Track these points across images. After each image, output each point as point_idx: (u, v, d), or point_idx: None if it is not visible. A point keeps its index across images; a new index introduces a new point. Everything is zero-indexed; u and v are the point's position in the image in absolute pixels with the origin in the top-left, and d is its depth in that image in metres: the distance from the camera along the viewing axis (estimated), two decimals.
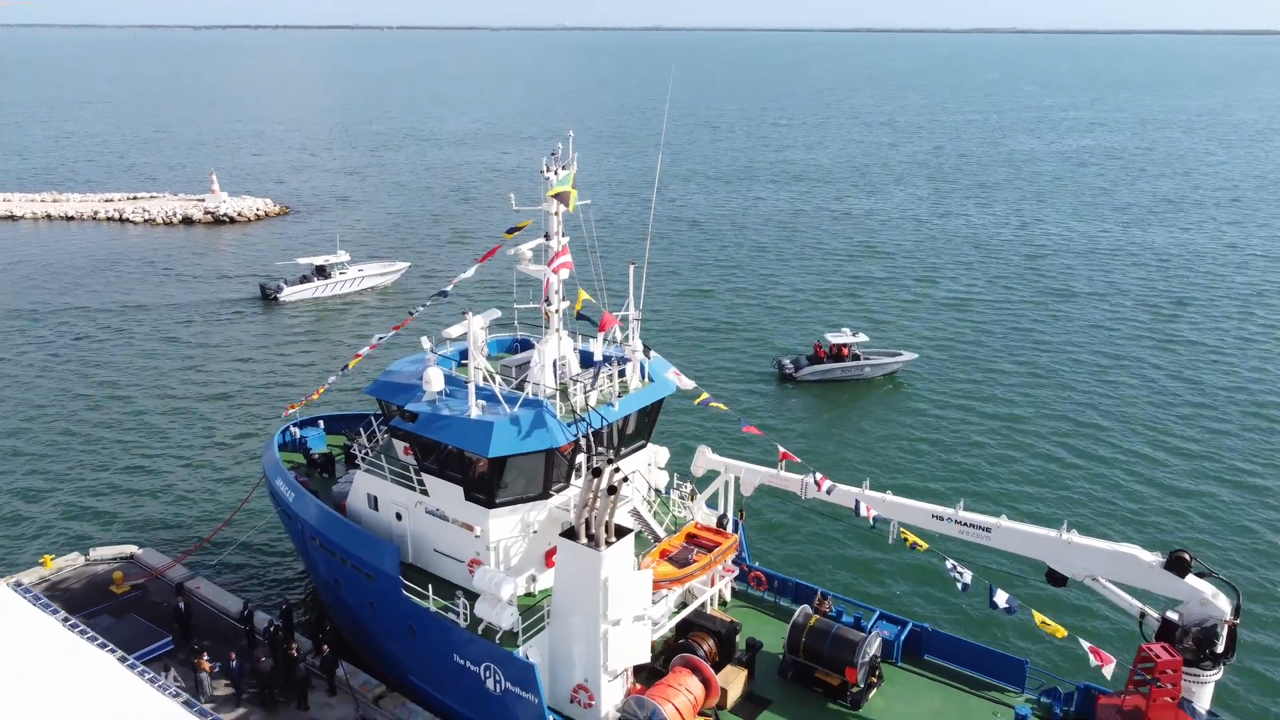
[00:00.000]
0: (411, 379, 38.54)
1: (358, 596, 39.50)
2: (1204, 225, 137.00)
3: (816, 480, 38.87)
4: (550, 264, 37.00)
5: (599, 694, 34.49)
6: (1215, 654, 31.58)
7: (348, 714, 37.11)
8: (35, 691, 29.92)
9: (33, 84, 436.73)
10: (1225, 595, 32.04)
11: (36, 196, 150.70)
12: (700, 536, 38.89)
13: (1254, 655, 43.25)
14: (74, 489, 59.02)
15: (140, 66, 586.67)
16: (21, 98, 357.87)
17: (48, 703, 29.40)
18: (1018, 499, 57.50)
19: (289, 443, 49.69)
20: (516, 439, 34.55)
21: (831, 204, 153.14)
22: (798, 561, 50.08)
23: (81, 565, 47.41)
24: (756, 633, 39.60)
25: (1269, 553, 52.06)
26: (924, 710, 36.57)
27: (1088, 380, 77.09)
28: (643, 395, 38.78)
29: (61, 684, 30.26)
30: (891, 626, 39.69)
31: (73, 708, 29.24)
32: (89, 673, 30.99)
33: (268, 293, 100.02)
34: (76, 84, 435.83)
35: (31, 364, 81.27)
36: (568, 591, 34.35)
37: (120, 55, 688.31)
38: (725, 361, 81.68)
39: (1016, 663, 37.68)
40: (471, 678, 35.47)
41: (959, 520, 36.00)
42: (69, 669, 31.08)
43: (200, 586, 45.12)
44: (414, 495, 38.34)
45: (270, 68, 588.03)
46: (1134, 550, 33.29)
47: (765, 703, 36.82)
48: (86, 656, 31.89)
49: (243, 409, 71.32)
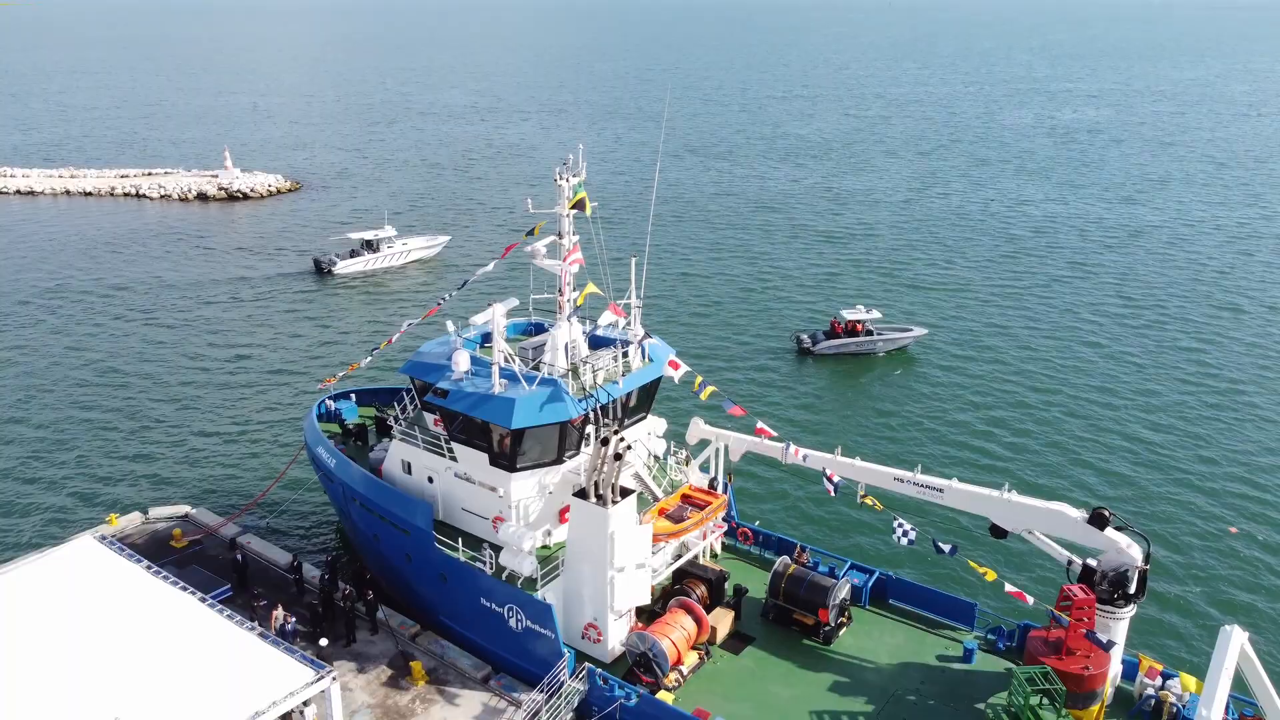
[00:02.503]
0: (441, 359, 43.98)
1: (395, 549, 45.23)
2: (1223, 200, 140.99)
3: (792, 450, 44.46)
4: (565, 259, 42.39)
5: (606, 630, 40.26)
6: (1128, 594, 37.26)
7: (389, 649, 42.93)
8: (139, 625, 35.74)
9: (25, 50, 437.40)
10: (1138, 545, 37.71)
11: (54, 172, 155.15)
12: (694, 497, 44.64)
13: (1158, 596, 49.37)
14: (131, 455, 64.94)
15: (131, 31, 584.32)
16: (16, 66, 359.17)
17: (151, 633, 35.21)
18: (1012, 463, 63.73)
19: (325, 414, 55.22)
20: (535, 412, 40.08)
21: (838, 182, 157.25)
22: (779, 519, 55.95)
23: (141, 523, 53.02)
24: (742, 580, 45.33)
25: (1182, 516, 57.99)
26: (887, 646, 42.38)
27: (1084, 351, 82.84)
28: (643, 374, 44.27)
29: (159, 618, 36.08)
30: (861, 575, 45.45)
31: (172, 638, 35.05)
32: (179, 609, 36.83)
33: (322, 266, 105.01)
34: (68, 52, 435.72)
35: (90, 338, 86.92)
36: (579, 543, 40.01)
37: (109, 20, 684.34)
38: (747, 337, 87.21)
39: (967, 605, 43.50)
40: (497, 618, 41.28)
41: (916, 482, 41.57)
42: (162, 606, 36.91)
43: (251, 542, 50.82)
44: (444, 461, 43.95)
45: (260, 31, 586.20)
46: (1063, 508, 38.89)
47: (749, 639, 42.63)
48: (174, 596, 37.73)
49: (287, 381, 77.08)
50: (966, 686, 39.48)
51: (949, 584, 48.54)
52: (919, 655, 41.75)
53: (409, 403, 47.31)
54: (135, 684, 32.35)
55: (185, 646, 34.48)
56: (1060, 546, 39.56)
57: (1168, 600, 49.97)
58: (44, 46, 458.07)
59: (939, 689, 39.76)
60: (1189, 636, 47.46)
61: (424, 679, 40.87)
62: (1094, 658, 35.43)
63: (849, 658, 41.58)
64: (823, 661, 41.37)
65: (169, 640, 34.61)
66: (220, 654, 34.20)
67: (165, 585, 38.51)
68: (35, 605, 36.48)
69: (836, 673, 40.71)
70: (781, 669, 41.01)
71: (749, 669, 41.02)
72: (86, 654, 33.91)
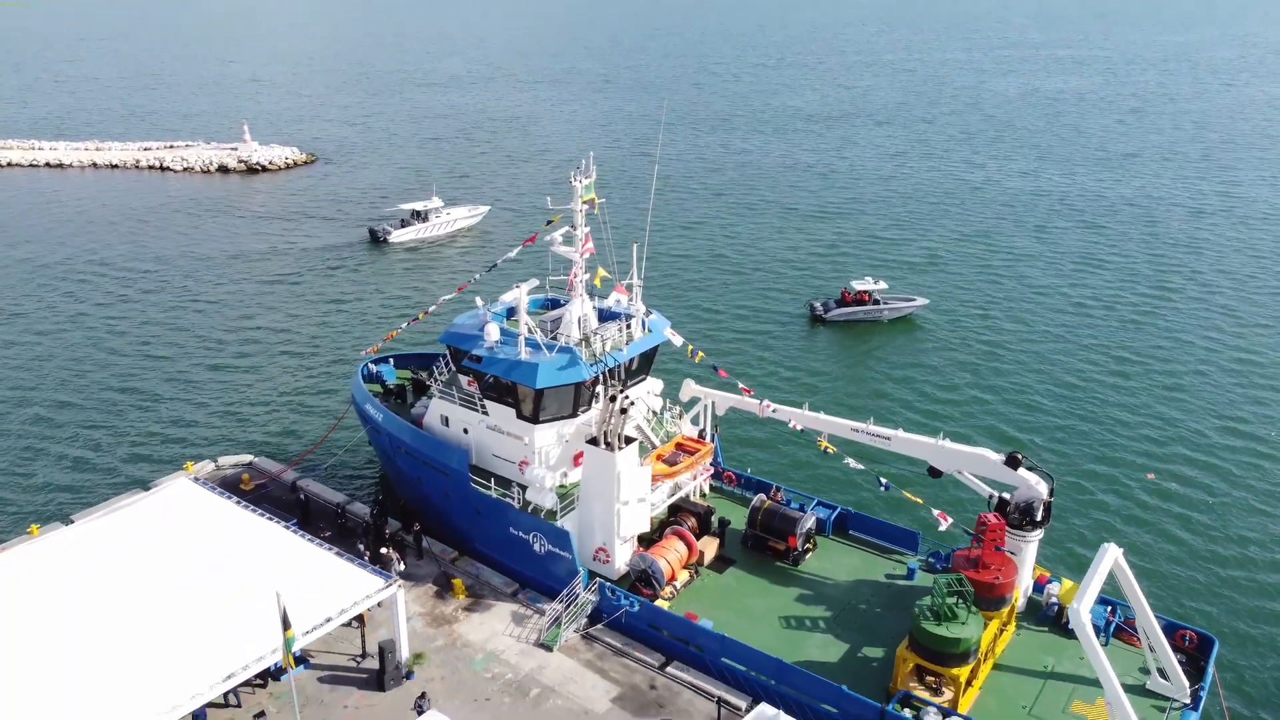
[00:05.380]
0: (473, 331, 52.44)
1: (435, 488, 54.05)
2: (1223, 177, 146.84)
3: (765, 405, 53.19)
4: (579, 250, 50.80)
5: (614, 553, 49.13)
6: (1035, 520, 46.10)
7: (433, 570, 51.85)
8: (242, 545, 44.59)
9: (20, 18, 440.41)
10: (1045, 482, 46.47)
11: (81, 145, 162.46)
12: (685, 445, 53.49)
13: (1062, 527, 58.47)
14: (195, 413, 74.15)
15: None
16: (10, 35, 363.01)
17: (253, 552, 44.08)
18: (998, 417, 73.13)
19: (368, 376, 63.85)
20: (554, 375, 48.67)
21: (844, 154, 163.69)
22: (758, 464, 64.61)
23: (212, 470, 61.86)
24: (726, 514, 54.24)
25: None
26: (845, 567, 51.32)
27: (1067, 319, 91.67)
28: (643, 343, 52.81)
29: (256, 541, 44.94)
30: (825, 510, 54.35)
31: (270, 555, 43.91)
32: (270, 534, 45.69)
33: (377, 236, 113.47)
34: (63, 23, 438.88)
35: (156, 306, 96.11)
36: (591, 482, 48.71)
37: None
38: (764, 305, 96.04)
39: (912, 534, 52.46)
40: (523, 543, 50.18)
41: (869, 432, 50.24)
42: (256, 532, 45.78)
43: (309, 485, 59.70)
44: (477, 415, 52.62)
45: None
46: (985, 452, 47.64)
47: (731, 561, 51.58)
48: (264, 524, 46.59)
49: (337, 345, 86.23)
50: (908, 598, 48.20)
51: (898, 517, 57.27)
52: (871, 574, 50.71)
53: (445, 366, 55.85)
54: (249, 589, 41.17)
55: (281, 562, 43.31)
56: (984, 484, 48.40)
57: (1072, 527, 59.17)
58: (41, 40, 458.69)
59: (885, 600, 48.76)
60: (1085, 556, 56.04)
61: (464, 593, 49.84)
62: (1003, 570, 44.28)
63: (813, 576, 50.52)
64: (791, 579, 50.28)
65: (268, 557, 43.50)
66: (310, 567, 43.02)
67: (254, 516, 47.36)
68: (162, 526, 45.30)
69: (802, 588, 49.66)
70: (758, 585, 49.92)
71: (730, 585, 49.95)
72: (210, 564, 42.77)
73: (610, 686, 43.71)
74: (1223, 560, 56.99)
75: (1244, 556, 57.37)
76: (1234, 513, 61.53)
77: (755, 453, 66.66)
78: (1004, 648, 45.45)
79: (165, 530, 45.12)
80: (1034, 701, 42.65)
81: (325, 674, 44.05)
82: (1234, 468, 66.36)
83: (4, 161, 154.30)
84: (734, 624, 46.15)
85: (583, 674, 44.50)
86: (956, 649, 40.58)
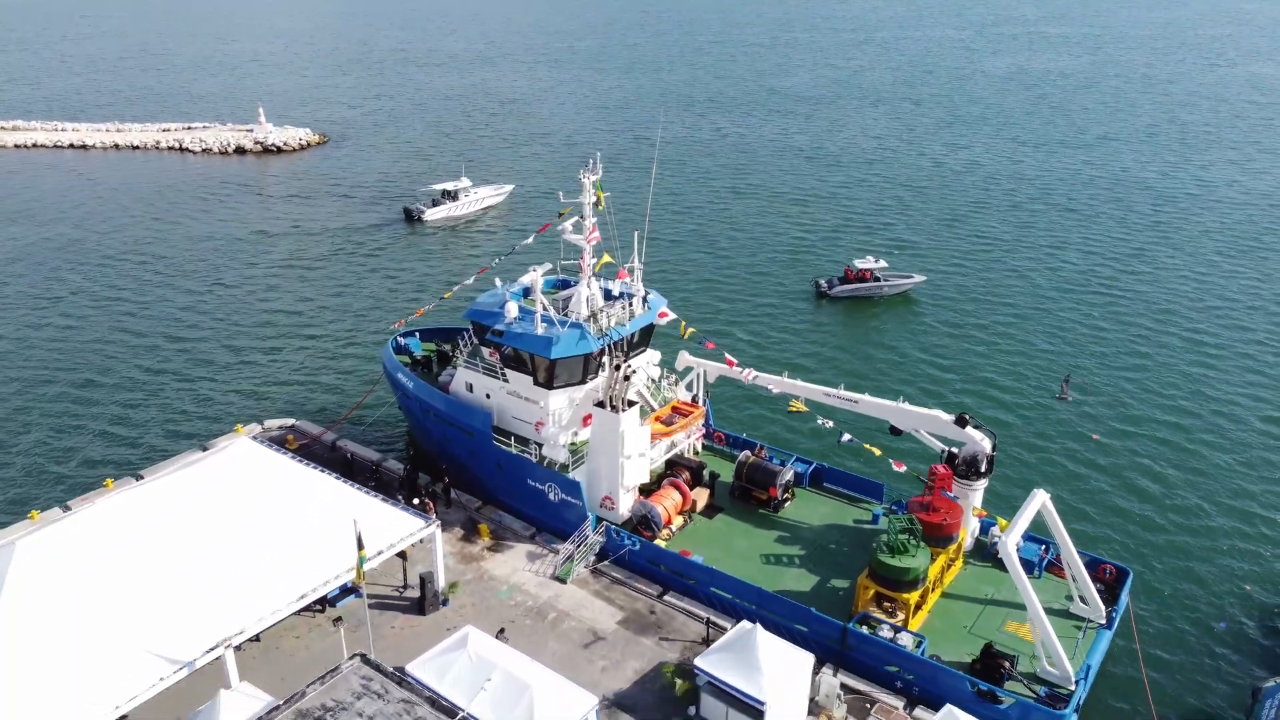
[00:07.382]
0: (494, 308, 59.74)
1: (462, 447, 61.66)
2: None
3: (747, 373, 60.70)
4: (586, 238, 58.13)
5: (618, 501, 56.72)
6: (979, 471, 53.76)
7: (461, 517, 59.52)
8: (302, 493, 52.15)
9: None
10: (988, 439, 54.11)
11: (102, 126, 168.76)
12: (680, 408, 61.09)
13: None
14: (244, 381, 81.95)
15: None
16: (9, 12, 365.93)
17: (311, 499, 51.65)
18: (994, 386, 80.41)
19: (397, 348, 71.30)
20: (567, 347, 56.06)
21: (844, 135, 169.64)
22: (744, 424, 72.22)
23: (259, 431, 69.40)
24: (715, 468, 61.71)
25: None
26: (819, 514, 58.95)
27: (1052, 296, 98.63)
28: (643, 319, 60.14)
29: (313, 490, 52.53)
30: (803, 465, 61.88)
31: (326, 501, 51.51)
32: (323, 484, 53.30)
33: (412, 214, 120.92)
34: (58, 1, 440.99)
35: (204, 283, 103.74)
36: (598, 439, 56.18)
37: None
38: (770, 282, 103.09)
39: (878, 485, 60.11)
40: (539, 493, 57.84)
41: (839, 396, 57.73)
42: (311, 482, 53.37)
43: (348, 444, 67.35)
44: (498, 382, 60.11)
45: None
46: (937, 413, 55.14)
47: (719, 509, 59.16)
48: (317, 476, 54.21)
49: (368, 319, 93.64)
50: (872, 539, 55.36)
51: (867, 471, 64.79)
52: (841, 519, 58.34)
53: (470, 340, 63.28)
54: (316, 528, 48.70)
55: (338, 506, 50.80)
56: (938, 440, 56.07)
57: (1014, 479, 66.86)
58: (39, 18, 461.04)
59: (852, 541, 56.40)
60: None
61: (488, 536, 57.55)
62: (950, 513, 52.00)
63: (791, 521, 58.12)
64: (772, 524, 57.85)
65: (327, 501, 51.08)
66: (364, 511, 50.40)
67: (310, 469, 54.97)
68: (232, 478, 52.66)
69: (781, 531, 57.26)
70: (742, 529, 57.48)
71: (719, 528, 57.56)
72: (279, 508, 50.21)
73: (616, 611, 51.44)
74: (1142, 507, 64.66)
75: (1163, 503, 65.04)
76: (1159, 465, 69.19)
77: (740, 413, 74.38)
78: (951, 580, 53.28)
79: (235, 481, 52.49)
80: (974, 622, 50.44)
81: (374, 602, 51.71)
82: (1166, 431, 73.88)
83: (30, 142, 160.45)
84: (722, 560, 53.52)
85: (592, 601, 52.25)
86: (907, 576, 48.30)
